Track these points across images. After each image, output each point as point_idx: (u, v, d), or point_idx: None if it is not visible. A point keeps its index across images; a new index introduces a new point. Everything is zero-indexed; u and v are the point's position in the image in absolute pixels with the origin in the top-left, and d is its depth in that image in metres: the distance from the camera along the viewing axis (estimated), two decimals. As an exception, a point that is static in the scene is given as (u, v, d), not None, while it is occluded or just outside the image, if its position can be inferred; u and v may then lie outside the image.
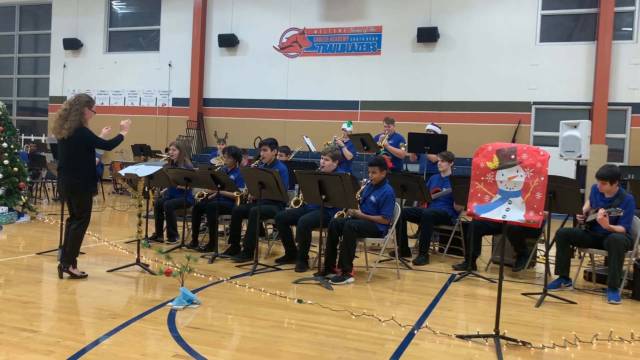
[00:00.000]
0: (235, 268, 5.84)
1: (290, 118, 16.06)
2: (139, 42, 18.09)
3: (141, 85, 17.69)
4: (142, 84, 17.67)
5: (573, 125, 7.90)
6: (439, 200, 6.82)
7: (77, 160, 5.08)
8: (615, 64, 13.30)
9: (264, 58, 16.32)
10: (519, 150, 3.69)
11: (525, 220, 3.61)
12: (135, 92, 17.76)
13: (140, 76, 17.65)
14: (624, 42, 13.35)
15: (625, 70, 13.29)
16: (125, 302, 4.50)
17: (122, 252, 6.53)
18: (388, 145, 8.42)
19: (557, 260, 5.53)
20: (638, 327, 4.34)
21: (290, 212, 6.10)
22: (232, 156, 6.86)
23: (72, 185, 5.07)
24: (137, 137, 14.36)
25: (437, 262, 6.66)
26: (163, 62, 17.40)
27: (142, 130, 16.59)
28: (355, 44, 15.48)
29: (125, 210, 10.99)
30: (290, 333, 3.84)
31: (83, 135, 5.08)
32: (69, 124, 5.01)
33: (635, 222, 5.40)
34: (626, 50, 13.30)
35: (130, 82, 17.80)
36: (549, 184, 4.69)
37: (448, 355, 3.54)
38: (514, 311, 4.66)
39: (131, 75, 17.75)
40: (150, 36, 17.85)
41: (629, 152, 13.42)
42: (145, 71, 17.57)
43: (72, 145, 5.06)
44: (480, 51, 14.34)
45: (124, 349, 3.41)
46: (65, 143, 5.07)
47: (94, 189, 5.35)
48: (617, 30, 13.36)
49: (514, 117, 14.12)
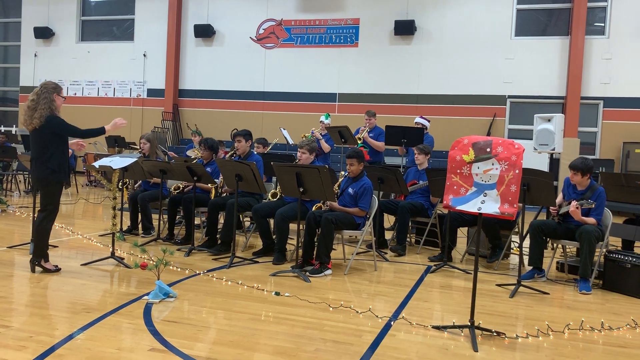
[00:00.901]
0: (212, 261, 5.81)
1: (268, 110, 15.98)
2: (112, 31, 17.75)
3: (115, 75, 17.39)
4: (116, 74, 17.37)
5: (547, 118, 8.01)
6: (416, 193, 6.87)
7: (50, 150, 4.93)
8: (588, 59, 13.54)
9: (240, 49, 16.19)
10: (495, 143, 3.74)
11: (500, 213, 3.66)
12: (109, 82, 17.45)
13: (114, 66, 17.34)
14: (596, 37, 13.59)
15: (597, 65, 13.54)
16: (99, 296, 4.43)
17: (96, 246, 6.43)
18: (368, 138, 8.45)
19: (531, 251, 5.63)
20: (608, 316, 4.45)
21: (268, 205, 6.08)
22: (209, 149, 6.80)
23: (43, 176, 4.95)
24: (112, 128, 14.11)
25: (413, 254, 6.72)
26: (138, 53, 17.13)
27: (117, 121, 16.28)
28: (333, 35, 15.46)
29: (99, 202, 10.82)
30: (268, 326, 3.84)
31: (55, 124, 4.94)
32: (39, 112, 4.87)
33: (605, 214, 5.53)
34: (598, 46, 13.55)
35: (104, 73, 17.48)
36: (523, 177, 4.76)
37: (424, 346, 3.58)
38: (488, 302, 4.73)
39: (105, 65, 17.43)
40: (124, 26, 17.53)
41: (600, 145, 13.71)
42: (120, 61, 17.27)
43: (44, 134, 4.92)
44: (457, 45, 14.45)
45: (98, 343, 3.37)
46: (37, 133, 4.93)
47: (66, 180, 5.24)
48: (589, 26, 13.60)
49: (489, 111, 14.28)
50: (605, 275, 5.37)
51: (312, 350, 3.41)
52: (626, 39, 13.34)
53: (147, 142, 7.31)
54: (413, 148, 8.00)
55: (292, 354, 3.32)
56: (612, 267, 5.30)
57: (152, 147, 7.29)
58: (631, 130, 13.26)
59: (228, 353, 3.30)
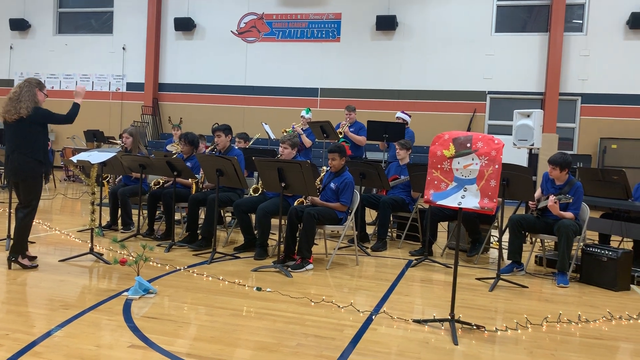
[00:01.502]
0: (192, 257, 5.77)
1: (249, 104, 15.90)
2: (91, 24, 17.47)
3: (94, 69, 17.13)
4: (94, 67, 17.11)
5: (526, 114, 8.11)
6: (397, 188, 6.90)
7: (33, 141, 4.90)
8: (566, 55, 13.73)
9: (221, 43, 16.06)
10: (475, 138, 3.77)
11: (480, 207, 3.70)
12: (88, 76, 17.18)
13: (92, 60, 17.07)
14: (574, 34, 13.78)
15: (575, 61, 13.73)
16: (78, 292, 4.38)
17: (74, 241, 6.34)
18: (349, 132, 8.46)
19: (510, 245, 5.69)
20: (585, 309, 4.53)
21: (249, 200, 6.06)
22: (189, 143, 6.73)
23: (26, 169, 4.86)
24: (90, 122, 13.91)
25: (394, 248, 6.76)
26: (117, 46, 16.88)
27: (95, 115, 16.09)
28: (315, 30, 15.42)
29: (77, 198, 10.66)
30: (249, 321, 3.83)
31: (42, 113, 4.94)
32: (25, 104, 4.84)
33: (583, 208, 5.61)
34: (576, 42, 13.73)
35: (82, 66, 17.20)
36: (503, 172, 4.81)
37: (405, 339, 3.61)
38: (468, 295, 4.78)
39: (83, 58, 17.15)
40: (103, 18, 17.26)
41: (578, 141, 13.92)
42: (98, 55, 17.01)
43: (27, 125, 4.87)
44: (438, 40, 14.53)
45: (77, 340, 3.32)
46: (20, 124, 4.86)
47: (49, 171, 5.19)
48: (568, 23, 13.77)
49: (469, 106, 14.40)
50: (583, 268, 5.46)
51: (294, 345, 3.41)
52: (603, 36, 13.55)
53: (129, 136, 7.21)
54: (394, 143, 8.04)
55: (274, 349, 3.32)
56: (589, 260, 5.39)
57: (134, 142, 7.20)
58: (608, 126, 13.48)
59: (209, 349, 3.28)
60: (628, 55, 13.38)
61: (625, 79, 13.41)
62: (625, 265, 5.24)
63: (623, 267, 5.21)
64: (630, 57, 13.35)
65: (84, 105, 5.37)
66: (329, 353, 3.30)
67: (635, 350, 3.66)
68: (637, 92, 13.38)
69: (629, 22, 13.24)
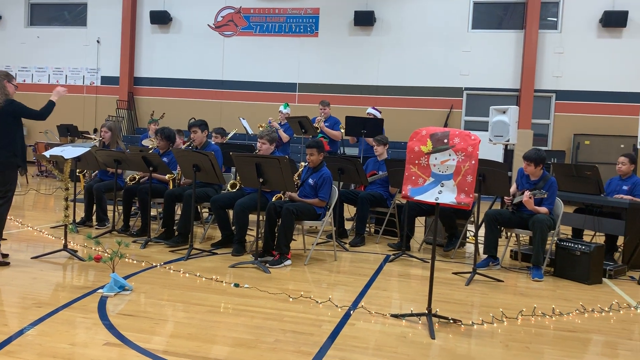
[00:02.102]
0: (169, 253, 5.71)
1: (227, 99, 15.78)
2: (64, 16, 17.11)
3: (67, 62, 16.79)
4: (68, 61, 16.78)
5: (502, 110, 8.20)
6: (375, 183, 6.92)
7: (10, 134, 4.86)
8: (541, 53, 13.92)
9: (198, 37, 15.89)
10: (452, 134, 3.79)
11: (456, 202, 3.73)
12: (61, 69, 16.85)
13: (66, 53, 16.74)
14: (549, 31, 13.98)
15: (550, 58, 13.94)
16: (51, 290, 4.29)
17: (47, 238, 6.22)
18: (324, 127, 8.46)
19: (486, 240, 5.77)
20: (559, 302, 4.61)
21: (227, 196, 6.01)
22: (165, 138, 6.65)
23: (3, 159, 4.80)
24: (63, 117, 13.63)
25: (372, 244, 6.79)
26: (91, 39, 16.58)
27: (69, 109, 15.76)
28: (293, 25, 15.36)
29: (51, 193, 10.46)
30: (227, 318, 3.80)
31: (16, 106, 4.88)
32: None
33: (557, 203, 5.71)
34: (551, 40, 13.94)
35: (55, 59, 16.85)
36: (479, 168, 4.85)
37: (383, 334, 3.63)
38: (445, 290, 4.82)
39: (56, 51, 16.80)
40: (76, 10, 16.92)
41: (552, 137, 14.14)
42: (72, 47, 16.68)
43: (2, 118, 4.79)
44: (415, 37, 14.60)
45: (50, 338, 3.26)
46: None
47: (24, 165, 5.12)
48: (543, 20, 13.97)
49: (446, 102, 14.51)
50: (557, 262, 5.56)
51: (272, 341, 3.40)
52: (577, 34, 13.78)
53: (108, 130, 7.09)
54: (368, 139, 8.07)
55: (252, 346, 3.30)
56: (562, 254, 5.49)
57: (113, 137, 7.08)
58: (581, 123, 13.73)
59: (186, 346, 3.25)
60: (601, 53, 13.63)
61: (598, 76, 13.66)
62: (597, 259, 5.35)
63: (595, 261, 5.32)
64: (603, 54, 13.61)
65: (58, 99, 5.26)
66: (307, 349, 3.29)
67: (607, 342, 3.74)
68: (610, 90, 13.65)
69: (602, 20, 13.49)
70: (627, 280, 5.60)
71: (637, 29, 13.42)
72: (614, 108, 13.62)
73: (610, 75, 13.60)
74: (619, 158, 6.52)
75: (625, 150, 11.22)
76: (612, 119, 13.57)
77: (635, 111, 12.93)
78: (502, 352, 3.43)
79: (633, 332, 3.97)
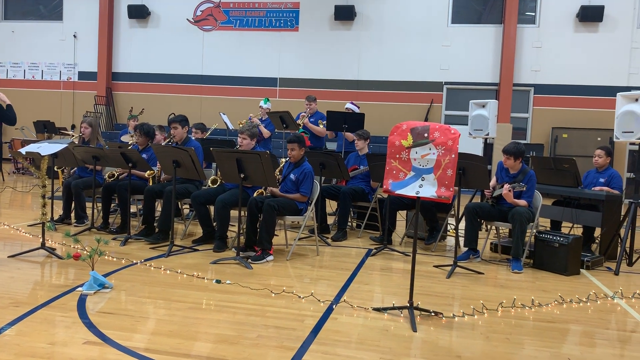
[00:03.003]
0: (149, 250, 5.65)
1: (207, 94, 15.65)
2: (39, 10, 16.77)
3: (43, 57, 16.48)
4: (44, 56, 16.46)
5: (481, 104, 8.26)
6: (357, 178, 6.94)
7: None
8: (520, 47, 14.06)
9: (177, 31, 15.72)
10: (432, 128, 3.81)
11: (437, 196, 3.75)
12: (37, 64, 16.53)
13: (41, 47, 16.42)
14: (527, 26, 14.11)
15: (528, 52, 14.08)
16: (29, 289, 4.22)
17: (25, 236, 6.12)
18: (309, 123, 8.44)
19: (466, 233, 5.82)
20: (538, 293, 4.68)
21: (208, 192, 5.97)
22: (145, 134, 6.58)
23: None
24: (40, 113, 13.43)
25: (354, 238, 6.81)
26: (67, 33, 16.29)
27: (46, 105, 15.54)
28: (273, 19, 15.27)
29: (27, 191, 10.29)
30: (209, 314, 3.78)
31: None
32: None
33: (536, 196, 5.78)
34: (529, 34, 14.07)
35: (30, 54, 16.53)
36: (459, 161, 4.90)
37: (365, 328, 3.64)
38: (426, 283, 4.86)
39: (31, 46, 16.48)
40: (52, 4, 16.60)
41: (531, 130, 14.31)
42: (48, 42, 16.38)
43: None
44: (395, 31, 14.62)
45: (29, 338, 3.21)
46: None
47: None
48: (521, 15, 14.09)
49: (426, 97, 14.59)
50: (536, 254, 5.64)
51: (254, 336, 3.39)
52: (555, 28, 13.94)
53: (88, 126, 6.98)
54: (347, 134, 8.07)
55: (234, 342, 3.29)
56: (541, 246, 5.57)
57: (93, 133, 6.98)
58: (559, 116, 13.91)
59: (167, 343, 3.23)
60: (578, 47, 13.81)
61: (575, 70, 13.85)
62: (575, 250, 5.44)
63: (573, 253, 5.41)
64: (580, 48, 13.79)
65: (34, 95, 5.17)
66: (290, 343, 3.29)
67: (585, 331, 3.81)
68: (587, 83, 13.85)
69: (578, 14, 13.66)
70: (604, 270, 5.70)
71: (613, 23, 13.63)
72: (590, 102, 13.83)
73: (586, 69, 13.79)
74: (595, 151, 6.63)
75: (601, 143, 11.42)
76: (589, 112, 13.78)
77: (611, 104, 13.11)
78: (483, 343, 3.47)
79: (610, 322, 4.05)
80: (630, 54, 13.59)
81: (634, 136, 5.70)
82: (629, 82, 13.47)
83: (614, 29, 13.63)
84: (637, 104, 5.72)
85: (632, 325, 4.01)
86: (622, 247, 5.82)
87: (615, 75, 13.63)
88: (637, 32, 13.55)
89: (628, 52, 13.60)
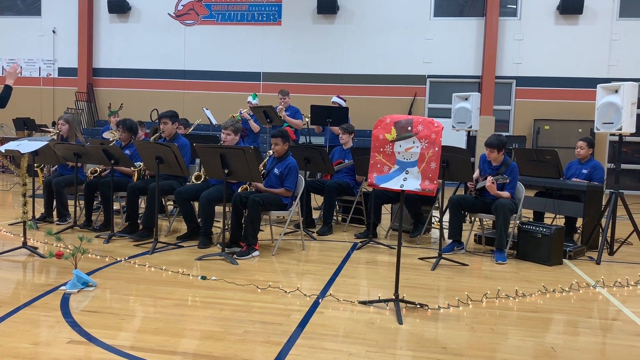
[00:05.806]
0: (133, 247, 5.61)
1: (189, 89, 15.53)
2: (16, 5, 16.47)
3: (21, 53, 16.20)
4: (22, 52, 16.19)
5: (464, 97, 8.31)
6: (342, 172, 6.94)
7: None
8: (502, 40, 14.16)
9: (158, 26, 15.55)
10: (415, 122, 3.83)
11: (421, 189, 3.77)
12: (15, 60, 16.25)
13: (20, 43, 16.15)
14: (509, 18, 14.21)
15: (510, 45, 14.18)
16: (11, 288, 4.17)
17: (6, 235, 6.03)
18: (286, 116, 8.44)
19: (450, 225, 5.86)
20: (522, 284, 4.73)
21: (192, 188, 5.93)
22: (127, 130, 6.50)
23: None
24: (20, 110, 13.21)
25: (340, 232, 6.82)
26: (46, 29, 16.03)
27: (25, 102, 15.29)
28: (255, 13, 15.18)
29: (8, 189, 10.13)
30: (195, 311, 3.77)
31: None
32: None
33: (519, 187, 5.84)
34: (511, 27, 14.17)
35: (8, 50, 16.24)
36: (443, 154, 4.92)
37: (351, 321, 3.65)
38: (412, 275, 4.89)
39: (9, 42, 16.19)
40: (30, -1, 16.33)
41: (513, 122, 14.44)
42: (26, 38, 16.10)
43: None
44: (378, 24, 14.63)
45: (11, 339, 3.17)
46: None
47: None
48: (503, 7, 14.18)
49: (410, 90, 14.63)
50: (519, 245, 5.70)
51: (241, 332, 3.38)
52: (536, 21, 14.05)
53: (65, 123, 6.87)
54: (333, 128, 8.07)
55: (220, 338, 3.28)
56: (524, 237, 5.63)
57: (71, 130, 6.87)
58: (541, 108, 14.05)
59: (153, 341, 3.21)
60: (558, 39, 13.94)
61: (556, 62, 13.99)
62: (558, 241, 5.51)
63: (556, 243, 5.48)
64: (560, 41, 13.93)
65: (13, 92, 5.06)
66: (277, 338, 3.29)
67: (568, 320, 3.86)
68: (567, 75, 13.99)
69: (559, 7, 13.79)
70: (586, 260, 5.79)
71: (592, 15, 13.77)
72: (571, 93, 13.99)
73: (567, 61, 13.94)
74: (578, 142, 6.71)
75: (582, 135, 11.56)
76: (570, 104, 13.94)
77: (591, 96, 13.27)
78: (468, 334, 3.50)
79: (592, 311, 4.11)
80: (610, 45, 13.76)
81: (614, 127, 5.78)
82: (609, 74, 13.64)
83: (594, 21, 13.79)
84: (617, 95, 5.80)
85: (614, 313, 4.08)
86: (604, 236, 5.91)
87: (595, 67, 13.79)
88: (616, 24, 13.72)
89: (608, 44, 13.77)
